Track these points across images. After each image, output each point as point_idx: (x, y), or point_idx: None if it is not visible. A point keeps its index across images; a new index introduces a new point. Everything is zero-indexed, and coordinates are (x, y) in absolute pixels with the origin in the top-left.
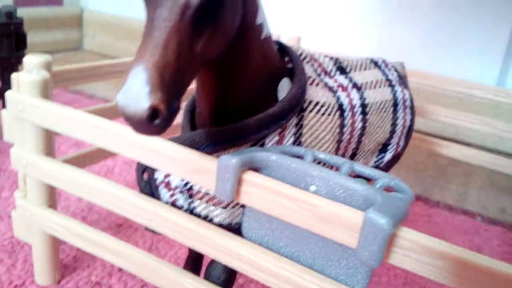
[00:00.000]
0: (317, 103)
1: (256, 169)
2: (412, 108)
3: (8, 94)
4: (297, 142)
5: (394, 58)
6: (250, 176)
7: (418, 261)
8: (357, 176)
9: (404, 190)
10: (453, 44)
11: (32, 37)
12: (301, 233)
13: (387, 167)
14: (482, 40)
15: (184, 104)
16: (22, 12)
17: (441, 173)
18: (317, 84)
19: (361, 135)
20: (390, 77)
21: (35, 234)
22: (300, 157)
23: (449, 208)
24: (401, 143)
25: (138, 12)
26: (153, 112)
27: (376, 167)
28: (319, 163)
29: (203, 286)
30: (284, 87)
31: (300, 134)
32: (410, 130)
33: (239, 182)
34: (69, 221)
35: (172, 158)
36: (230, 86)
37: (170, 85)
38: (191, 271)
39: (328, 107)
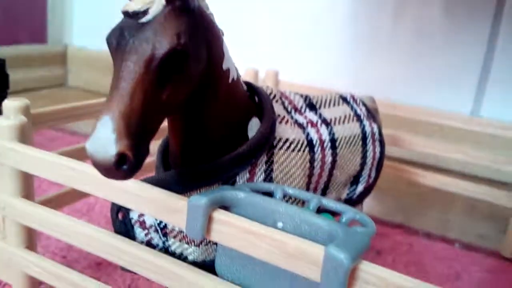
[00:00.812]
0: (286, 140)
1: (226, 207)
2: (381, 141)
3: None
4: (268, 178)
5: (374, 90)
6: (219, 215)
7: None
8: (325, 210)
9: (366, 223)
10: (431, 73)
11: (16, 75)
12: (271, 269)
13: (360, 198)
14: (458, 68)
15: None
16: (6, 51)
17: (422, 200)
18: (287, 122)
19: (332, 168)
20: (359, 112)
21: (14, 275)
22: (270, 193)
23: (429, 235)
24: (372, 175)
25: None
26: (120, 158)
27: (350, 198)
28: (290, 198)
29: None
30: (254, 127)
31: (271, 170)
32: (380, 161)
33: (209, 220)
34: (46, 262)
35: (143, 198)
36: (199, 129)
37: (136, 132)
38: None
39: (297, 144)
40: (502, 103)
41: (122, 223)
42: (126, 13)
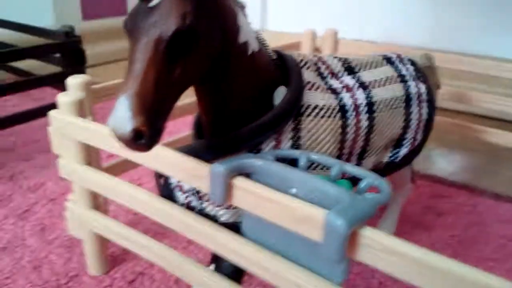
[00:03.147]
0: (315, 107)
1: (248, 174)
2: (429, 101)
3: (50, 113)
4: (296, 145)
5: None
6: (238, 181)
7: (377, 256)
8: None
9: (383, 190)
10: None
11: (102, 47)
12: (287, 231)
13: (404, 161)
14: None
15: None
16: (90, 24)
17: (491, 159)
18: (317, 88)
19: (369, 133)
20: (404, 72)
21: (84, 232)
22: (295, 159)
23: (496, 196)
24: (418, 137)
25: None
26: (137, 134)
27: (392, 161)
28: (312, 164)
29: (216, 278)
30: (280, 95)
31: (299, 137)
32: (428, 123)
33: (230, 186)
34: (109, 221)
35: (175, 165)
36: (222, 101)
37: (150, 109)
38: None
39: (327, 110)
40: None
41: (164, 187)
42: None
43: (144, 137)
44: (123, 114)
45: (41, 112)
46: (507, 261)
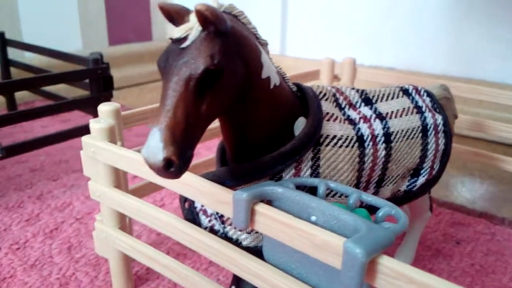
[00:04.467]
0: (334, 137)
1: (270, 201)
2: (446, 132)
3: (83, 138)
4: (315, 173)
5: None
6: (260, 208)
7: (394, 286)
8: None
9: (399, 219)
10: None
11: (127, 71)
12: (307, 257)
13: (422, 190)
14: None
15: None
16: (118, 49)
17: (510, 188)
18: (335, 119)
19: (387, 162)
20: (420, 103)
21: (110, 251)
22: (314, 187)
23: None
24: (436, 166)
25: None
26: (167, 163)
27: (410, 190)
28: (331, 191)
29: None
30: (300, 126)
31: (318, 166)
32: (446, 153)
33: (252, 212)
34: (133, 241)
35: (200, 190)
36: (244, 131)
37: (180, 140)
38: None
39: (345, 140)
40: None
41: (189, 211)
42: (171, 39)
43: (174, 165)
44: (156, 145)
45: (70, 134)
46: None
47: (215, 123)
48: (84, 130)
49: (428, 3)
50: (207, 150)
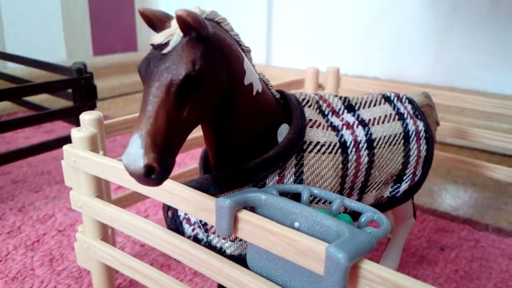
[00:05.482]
0: (317, 143)
1: (253, 208)
2: (428, 138)
3: (64, 147)
4: (298, 180)
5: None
6: (243, 215)
7: None
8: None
9: (382, 224)
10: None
11: (113, 81)
12: (290, 263)
13: (405, 196)
14: None
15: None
16: (103, 60)
17: (497, 194)
18: (318, 126)
19: (370, 168)
20: (402, 110)
21: (92, 262)
22: (298, 194)
23: (499, 231)
24: (418, 173)
25: None
26: (148, 169)
27: (393, 196)
28: (315, 198)
29: None
30: (283, 132)
31: (301, 172)
32: (427, 159)
33: (235, 219)
34: (116, 252)
35: (183, 198)
36: (227, 137)
37: (161, 147)
38: None
39: (328, 146)
40: None
41: (172, 220)
42: (152, 45)
43: (155, 172)
44: (136, 151)
45: (53, 145)
46: None
47: (200, 133)
48: (67, 140)
49: (413, 15)
50: (192, 159)
